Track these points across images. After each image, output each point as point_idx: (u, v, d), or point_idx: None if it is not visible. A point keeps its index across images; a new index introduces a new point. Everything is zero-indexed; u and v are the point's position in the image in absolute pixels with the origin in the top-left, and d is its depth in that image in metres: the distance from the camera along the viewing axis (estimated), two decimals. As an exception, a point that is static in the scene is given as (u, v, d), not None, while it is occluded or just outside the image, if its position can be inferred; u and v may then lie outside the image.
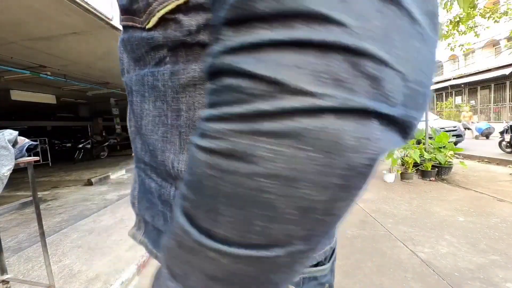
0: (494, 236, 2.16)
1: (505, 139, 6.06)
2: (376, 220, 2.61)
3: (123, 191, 4.37)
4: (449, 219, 2.55)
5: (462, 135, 7.98)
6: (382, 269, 1.77)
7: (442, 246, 2.04)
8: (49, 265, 1.48)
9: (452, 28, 6.70)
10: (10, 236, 2.61)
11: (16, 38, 3.80)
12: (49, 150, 8.77)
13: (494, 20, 6.73)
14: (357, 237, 2.27)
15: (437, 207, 2.88)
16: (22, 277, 1.80)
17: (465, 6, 3.35)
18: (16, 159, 1.25)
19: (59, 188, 4.83)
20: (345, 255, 1.98)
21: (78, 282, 1.71)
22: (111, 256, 2.07)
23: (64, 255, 2.11)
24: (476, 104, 16.65)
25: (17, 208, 3.59)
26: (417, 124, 0.19)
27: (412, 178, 4.11)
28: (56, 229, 2.74)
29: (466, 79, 16.43)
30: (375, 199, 3.29)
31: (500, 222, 2.41)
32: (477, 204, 2.94)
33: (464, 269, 1.72)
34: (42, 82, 6.03)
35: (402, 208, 2.92)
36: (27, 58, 4.66)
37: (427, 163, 4.13)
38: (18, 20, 3.27)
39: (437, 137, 4.39)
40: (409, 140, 0.29)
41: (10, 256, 2.12)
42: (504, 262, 1.78)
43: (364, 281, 1.65)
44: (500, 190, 3.40)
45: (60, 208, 3.53)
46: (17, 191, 4.54)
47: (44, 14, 3.14)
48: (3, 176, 1.12)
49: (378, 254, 1.96)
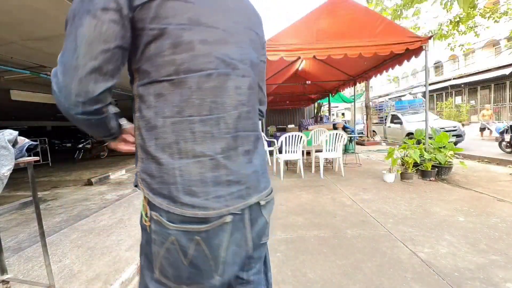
0: (494, 236, 2.16)
1: (505, 139, 6.06)
2: (376, 220, 2.61)
3: (123, 191, 4.37)
4: (449, 219, 2.55)
5: (462, 135, 7.99)
6: (382, 269, 1.77)
7: (442, 246, 2.04)
8: (49, 265, 1.48)
9: (452, 28, 6.70)
10: (10, 236, 2.61)
11: (16, 38, 3.80)
12: (49, 150, 8.77)
13: (494, 20, 6.73)
14: (357, 237, 2.27)
15: (437, 207, 2.88)
16: (22, 277, 1.80)
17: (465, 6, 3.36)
18: (16, 159, 1.25)
19: (59, 188, 4.83)
20: (345, 255, 1.98)
21: (78, 282, 1.71)
22: (111, 256, 2.07)
23: (64, 255, 2.10)
24: (476, 104, 16.65)
25: (17, 208, 3.58)
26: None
27: (412, 178, 4.11)
28: (56, 229, 2.74)
29: (466, 79, 16.43)
30: (375, 199, 3.29)
31: (500, 222, 2.42)
32: (477, 204, 2.94)
33: (464, 269, 1.72)
34: (42, 82, 6.03)
35: (402, 208, 2.92)
36: (27, 58, 4.66)
37: (427, 163, 4.13)
38: (18, 20, 3.27)
39: (437, 137, 4.39)
40: None
41: (10, 256, 2.12)
42: (504, 262, 1.78)
43: (364, 281, 1.65)
44: (500, 190, 3.40)
45: (60, 208, 3.53)
46: (17, 191, 4.54)
47: (44, 14, 3.14)
48: (3, 176, 1.12)
49: (378, 254, 1.96)
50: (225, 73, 0.60)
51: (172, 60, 0.55)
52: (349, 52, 4.16)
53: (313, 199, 3.41)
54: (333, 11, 4.33)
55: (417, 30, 8.22)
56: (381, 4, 7.72)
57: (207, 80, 0.57)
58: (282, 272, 1.80)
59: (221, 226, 0.58)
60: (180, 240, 0.56)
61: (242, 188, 0.62)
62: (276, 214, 2.92)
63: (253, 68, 0.68)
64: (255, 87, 0.70)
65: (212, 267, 0.60)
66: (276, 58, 4.20)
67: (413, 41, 4.18)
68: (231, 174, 0.60)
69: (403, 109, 11.63)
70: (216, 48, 0.58)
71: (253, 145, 0.67)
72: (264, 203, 0.68)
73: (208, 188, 0.57)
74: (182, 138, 0.56)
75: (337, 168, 5.19)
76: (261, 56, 0.75)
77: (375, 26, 4.24)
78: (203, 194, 0.56)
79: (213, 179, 0.57)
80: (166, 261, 0.58)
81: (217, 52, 0.58)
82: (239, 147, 0.63)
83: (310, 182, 4.37)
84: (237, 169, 0.61)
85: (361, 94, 13.37)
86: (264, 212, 0.69)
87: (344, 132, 4.79)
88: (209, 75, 0.57)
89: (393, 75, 22.55)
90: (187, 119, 0.56)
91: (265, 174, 0.71)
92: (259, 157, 0.70)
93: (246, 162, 0.64)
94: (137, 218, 2.02)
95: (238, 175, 0.61)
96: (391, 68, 5.53)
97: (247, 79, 0.65)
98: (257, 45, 0.71)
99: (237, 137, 0.62)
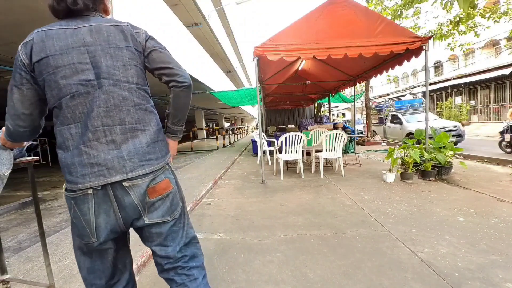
0: (494, 236, 2.16)
1: (505, 139, 6.06)
2: (376, 220, 2.61)
3: (123, 191, 4.37)
4: (449, 219, 2.55)
5: (462, 135, 7.99)
6: (382, 269, 1.77)
7: (442, 246, 2.04)
8: (49, 265, 1.48)
9: (452, 28, 6.70)
10: (10, 236, 2.61)
11: (16, 38, 3.80)
12: (49, 150, 8.77)
13: (494, 20, 6.72)
14: (357, 237, 2.27)
15: (437, 207, 2.88)
16: (22, 277, 1.79)
17: (465, 6, 3.36)
18: (16, 159, 1.25)
19: (59, 188, 4.83)
20: (345, 255, 1.98)
21: (78, 282, 1.71)
22: (111, 256, 2.07)
23: (64, 255, 2.10)
24: (476, 104, 16.64)
25: (17, 208, 3.59)
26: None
27: (412, 178, 4.11)
28: (56, 229, 2.74)
29: (466, 79, 16.42)
30: (375, 199, 3.29)
31: (500, 222, 2.41)
32: (477, 204, 2.94)
33: (464, 269, 1.72)
34: (42, 82, 6.02)
35: (402, 208, 2.92)
36: (27, 58, 4.66)
37: (427, 163, 4.13)
38: (19, 20, 3.27)
39: (437, 137, 4.40)
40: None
41: (10, 256, 2.11)
42: (504, 262, 1.78)
43: (364, 281, 1.65)
44: (500, 190, 3.40)
45: (60, 208, 3.53)
46: (17, 191, 4.54)
47: (44, 15, 3.14)
48: (3, 176, 1.12)
49: (378, 254, 1.96)
50: (85, 91, 0.86)
51: (51, 94, 0.87)
52: (349, 52, 4.16)
53: (313, 199, 3.41)
54: (333, 11, 4.33)
55: (417, 30, 8.22)
56: (381, 4, 7.71)
57: (72, 100, 0.85)
58: (282, 272, 1.79)
59: (85, 196, 0.85)
60: (69, 204, 0.88)
61: (103, 169, 0.85)
62: (276, 214, 2.92)
63: (116, 70, 0.89)
64: (122, 86, 0.90)
65: (86, 228, 0.87)
66: (276, 58, 4.20)
67: (413, 41, 4.18)
68: (92, 158, 0.84)
69: (403, 109, 11.62)
70: (74, 76, 0.85)
71: (121, 136, 0.88)
72: (129, 185, 0.87)
73: (76, 169, 0.84)
74: (62, 138, 0.87)
75: (337, 168, 5.19)
76: (126, 44, 0.92)
77: (375, 26, 4.24)
78: (75, 173, 0.85)
79: (81, 162, 0.84)
80: (71, 219, 0.91)
81: (76, 77, 0.85)
82: (101, 138, 0.86)
83: (310, 182, 4.37)
84: (98, 154, 0.85)
85: (361, 94, 13.37)
86: (131, 193, 0.88)
87: (344, 132, 4.78)
88: (72, 97, 0.85)
89: (393, 75, 22.55)
90: (66, 127, 0.87)
91: (136, 160, 0.88)
92: (132, 145, 0.89)
93: (109, 149, 0.86)
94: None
95: (99, 159, 0.85)
96: (391, 68, 5.53)
97: (106, 88, 0.88)
98: (116, 48, 0.90)
99: (96, 131, 0.86)
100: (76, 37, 0.87)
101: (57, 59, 0.85)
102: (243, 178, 5.07)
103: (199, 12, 10.82)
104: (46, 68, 0.85)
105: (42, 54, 0.84)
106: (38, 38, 0.86)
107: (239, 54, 23.93)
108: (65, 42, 0.86)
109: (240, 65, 25.54)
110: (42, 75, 0.85)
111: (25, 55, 0.86)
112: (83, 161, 0.84)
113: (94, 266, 0.95)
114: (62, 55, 0.85)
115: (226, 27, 17.08)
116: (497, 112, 15.18)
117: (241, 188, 4.27)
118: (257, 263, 1.94)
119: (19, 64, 0.87)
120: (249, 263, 1.94)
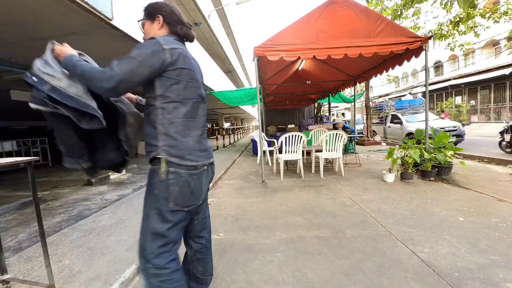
0: (494, 236, 2.16)
1: (505, 139, 6.06)
2: (376, 220, 2.61)
3: (123, 191, 4.37)
4: (449, 219, 2.55)
5: (462, 135, 7.99)
6: (382, 269, 1.77)
7: (442, 246, 2.04)
8: (49, 265, 1.48)
9: (452, 28, 6.70)
10: (10, 236, 2.61)
11: (16, 38, 3.80)
12: (49, 150, 8.77)
13: (494, 20, 6.72)
14: (357, 237, 2.27)
15: (437, 207, 2.88)
16: (22, 277, 1.79)
17: (465, 6, 3.35)
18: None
19: (59, 188, 4.83)
20: (345, 255, 1.98)
21: (78, 282, 1.71)
22: (111, 256, 2.07)
23: (64, 255, 2.10)
24: (476, 104, 16.64)
25: (17, 208, 3.58)
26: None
27: (412, 178, 4.11)
28: (56, 229, 2.74)
29: (466, 79, 16.42)
30: (375, 199, 3.29)
31: (500, 222, 2.41)
32: (477, 204, 2.94)
33: (464, 269, 1.72)
34: (42, 82, 6.02)
35: (402, 208, 2.92)
36: (27, 58, 4.66)
37: (427, 163, 4.13)
38: (19, 20, 3.27)
39: (437, 137, 4.39)
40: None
41: (10, 256, 2.11)
42: (504, 262, 1.78)
43: (364, 281, 1.65)
44: (500, 190, 3.40)
45: (60, 208, 3.53)
46: (17, 191, 4.54)
47: (44, 14, 3.14)
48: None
49: (378, 254, 1.96)
50: (198, 101, 1.23)
51: (181, 93, 1.15)
52: (349, 52, 4.16)
53: (313, 199, 3.41)
54: (333, 11, 4.33)
55: (417, 30, 8.22)
56: (381, 4, 7.72)
57: (193, 104, 1.20)
58: (282, 272, 1.80)
59: (203, 171, 1.21)
60: (187, 179, 1.15)
61: (209, 154, 1.27)
62: (276, 214, 2.92)
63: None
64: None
65: (199, 193, 1.23)
66: (276, 58, 4.19)
67: (413, 41, 4.18)
68: (203, 146, 1.24)
69: (403, 109, 11.62)
70: (197, 89, 1.22)
71: (206, 134, 1.30)
72: (213, 163, 1.32)
73: (197, 153, 1.19)
74: (187, 128, 1.17)
75: (337, 168, 5.19)
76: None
77: (375, 26, 4.24)
78: (195, 155, 1.17)
79: (198, 148, 1.20)
80: (179, 194, 1.13)
81: (198, 91, 1.22)
82: (203, 134, 1.26)
83: (310, 182, 4.37)
84: (206, 144, 1.27)
85: (361, 94, 13.36)
86: (213, 168, 1.34)
87: (344, 132, 4.78)
88: (195, 102, 1.20)
89: (393, 75, 22.54)
90: (188, 119, 1.18)
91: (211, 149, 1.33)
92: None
93: (207, 142, 1.28)
94: (138, 219, 2.06)
95: (206, 147, 1.26)
96: (391, 68, 5.53)
97: (204, 105, 1.28)
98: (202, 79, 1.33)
99: (204, 130, 1.28)
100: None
101: (194, 74, 1.23)
102: (243, 178, 5.07)
103: (199, 12, 10.81)
104: (186, 75, 1.18)
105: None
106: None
107: (239, 54, 23.92)
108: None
109: (240, 65, 25.52)
110: (180, 76, 1.18)
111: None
112: (201, 147, 1.21)
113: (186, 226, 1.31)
114: (197, 72, 1.27)
115: (226, 27, 17.07)
116: (497, 112, 15.18)
117: (241, 188, 4.27)
118: (257, 263, 1.94)
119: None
120: (249, 263, 1.94)
